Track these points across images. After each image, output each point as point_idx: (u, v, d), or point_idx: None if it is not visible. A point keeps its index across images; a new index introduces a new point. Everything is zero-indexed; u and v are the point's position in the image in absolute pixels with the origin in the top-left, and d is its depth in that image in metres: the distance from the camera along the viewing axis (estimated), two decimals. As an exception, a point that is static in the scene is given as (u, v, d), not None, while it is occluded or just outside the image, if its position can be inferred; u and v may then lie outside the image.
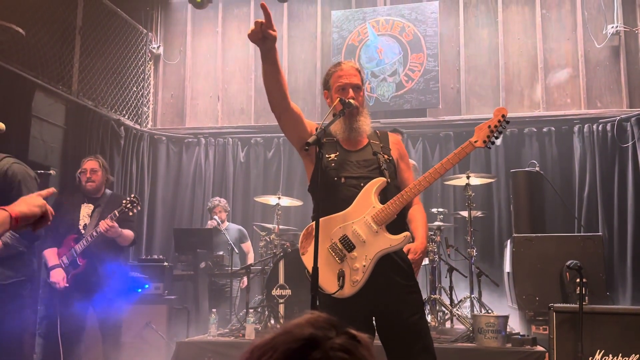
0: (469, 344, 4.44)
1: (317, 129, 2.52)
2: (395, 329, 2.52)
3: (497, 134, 2.55)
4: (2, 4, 5.37)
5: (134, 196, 4.41)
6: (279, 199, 5.94)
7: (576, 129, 6.97)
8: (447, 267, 5.43)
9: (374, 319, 2.55)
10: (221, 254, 6.40)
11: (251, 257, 6.79)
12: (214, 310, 5.27)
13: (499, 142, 7.13)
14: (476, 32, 7.65)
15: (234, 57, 8.28)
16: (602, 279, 4.92)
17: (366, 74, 7.64)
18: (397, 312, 2.51)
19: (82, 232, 4.35)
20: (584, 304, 3.87)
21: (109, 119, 6.96)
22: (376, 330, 2.56)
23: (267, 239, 5.87)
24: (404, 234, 2.54)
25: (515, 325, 5.17)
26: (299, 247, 2.58)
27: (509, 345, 4.33)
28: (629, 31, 7.07)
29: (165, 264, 5.93)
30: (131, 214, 4.34)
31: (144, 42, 8.10)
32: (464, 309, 5.31)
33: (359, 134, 2.69)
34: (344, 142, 2.71)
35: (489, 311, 5.04)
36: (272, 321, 5.02)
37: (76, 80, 6.55)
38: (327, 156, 2.62)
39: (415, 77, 7.52)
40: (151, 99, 8.32)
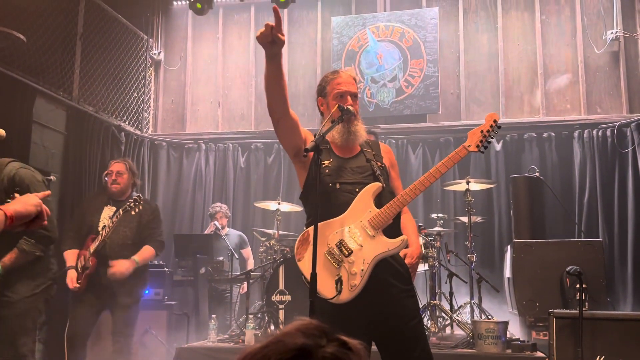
0: (469, 350, 4.44)
1: (315, 136, 2.52)
2: (393, 334, 2.51)
3: (489, 139, 2.62)
4: (3, 10, 5.39)
5: (137, 195, 4.41)
6: (279, 204, 5.94)
7: (576, 134, 6.97)
8: (447, 272, 5.43)
9: (371, 324, 2.54)
10: (221, 259, 6.40)
11: (251, 263, 6.79)
12: (213, 316, 5.27)
13: (498, 147, 7.15)
14: (476, 37, 7.66)
15: (234, 63, 8.30)
16: (603, 285, 4.93)
17: (366, 80, 7.66)
18: (395, 316, 2.51)
19: (102, 233, 4.31)
20: (584, 309, 3.87)
21: (109, 124, 6.98)
22: (373, 335, 2.55)
23: (267, 245, 5.87)
24: (401, 237, 2.55)
25: (515, 331, 5.17)
26: (295, 252, 2.57)
27: (509, 351, 4.33)
28: (628, 37, 7.09)
29: (165, 269, 5.94)
30: (133, 213, 4.32)
31: (144, 48, 8.12)
32: (464, 315, 5.31)
33: (356, 138, 2.70)
34: (337, 149, 2.72)
35: (489, 317, 5.04)
36: (272, 327, 5.01)
37: (77, 86, 6.56)
38: (321, 163, 2.62)
39: (415, 83, 7.54)
40: (152, 104, 8.33)
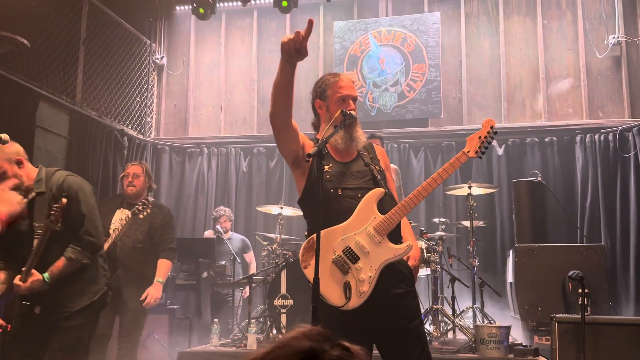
0: (472, 355, 4.43)
1: (318, 141, 2.52)
2: (394, 334, 2.52)
3: (487, 144, 2.66)
4: (6, 15, 5.42)
5: (145, 198, 4.38)
6: (281, 208, 5.95)
7: (578, 139, 6.98)
8: (449, 277, 5.43)
9: (373, 326, 2.53)
10: (223, 263, 6.41)
11: (253, 267, 6.79)
12: (216, 320, 5.27)
13: (501, 152, 7.15)
14: (478, 42, 7.68)
15: (236, 67, 8.32)
16: (605, 289, 4.92)
17: (368, 84, 7.67)
18: (397, 317, 2.51)
19: (112, 235, 4.26)
20: (586, 314, 3.86)
21: (112, 129, 7.00)
22: (374, 337, 2.55)
23: (269, 249, 5.87)
24: (407, 242, 2.57)
25: (517, 335, 5.16)
26: (300, 260, 2.55)
27: (512, 355, 4.32)
28: (630, 41, 7.10)
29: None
30: (141, 216, 4.29)
31: (147, 53, 8.15)
32: (466, 319, 5.30)
33: (358, 143, 2.71)
34: (335, 153, 2.71)
35: (492, 321, 5.03)
36: (274, 331, 5.01)
37: (80, 90, 6.59)
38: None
39: (417, 87, 7.55)
40: (154, 109, 8.36)
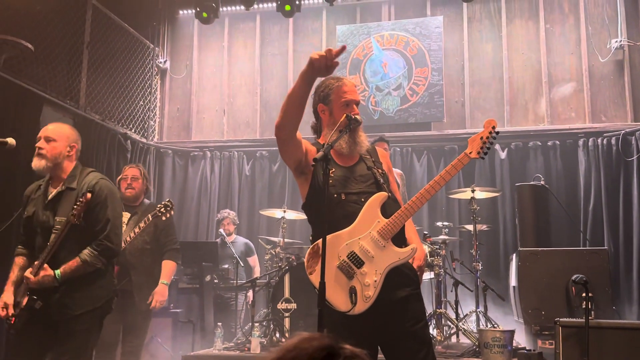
0: (475, 359, 4.43)
1: (322, 145, 2.53)
2: (399, 336, 2.52)
3: (489, 145, 2.66)
4: (11, 20, 5.45)
5: (168, 200, 4.39)
6: (284, 212, 5.96)
7: (581, 142, 6.98)
8: (452, 281, 5.43)
9: (378, 329, 2.53)
10: (226, 267, 6.41)
11: (257, 270, 6.79)
12: (219, 324, 5.27)
13: (503, 155, 7.16)
14: (480, 46, 7.69)
15: (239, 71, 8.34)
16: (608, 293, 4.91)
17: (371, 88, 7.69)
18: (402, 319, 2.51)
19: (127, 239, 4.26)
20: (590, 318, 3.86)
21: (115, 132, 7.02)
22: (379, 340, 2.55)
23: (273, 252, 5.88)
24: (411, 246, 2.57)
25: (521, 339, 5.15)
26: (305, 266, 2.55)
27: (515, 359, 4.32)
28: (632, 45, 7.10)
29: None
30: (164, 218, 4.32)
31: (150, 57, 8.18)
32: (469, 323, 5.30)
33: (361, 148, 2.71)
34: (338, 157, 2.70)
35: (495, 325, 5.03)
36: (277, 335, 5.02)
37: (84, 94, 6.61)
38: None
39: (419, 91, 7.56)
40: (157, 112, 8.38)
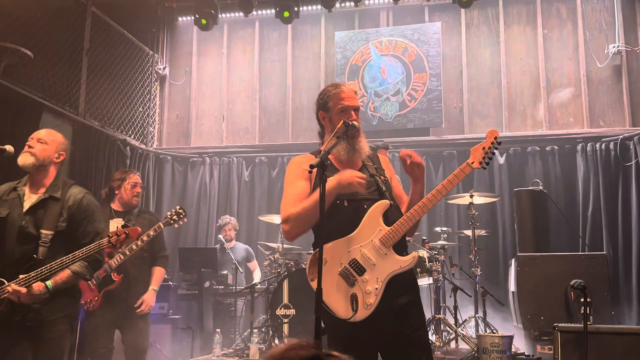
0: (474, 364, 4.43)
1: (321, 152, 2.53)
2: (399, 343, 2.51)
3: (491, 155, 2.66)
4: (11, 27, 5.47)
5: (180, 208, 4.31)
6: (283, 218, 5.95)
7: (579, 147, 7.00)
8: (451, 286, 5.43)
9: (378, 337, 2.53)
10: (225, 273, 6.41)
11: (258, 275, 6.79)
12: (218, 330, 5.27)
13: (502, 160, 7.17)
14: (478, 52, 7.72)
15: (239, 77, 8.36)
16: (607, 298, 4.91)
17: (369, 94, 7.71)
18: (401, 326, 2.51)
19: (133, 247, 4.18)
20: (588, 323, 3.85)
21: (115, 139, 7.03)
22: (379, 347, 2.55)
23: (272, 258, 5.88)
24: (412, 254, 2.56)
25: (520, 345, 5.15)
26: (307, 272, 2.54)
27: (514, 365, 4.32)
28: (630, 50, 7.13)
29: (169, 283, 5.95)
30: (176, 226, 4.28)
31: (150, 63, 8.20)
32: (468, 329, 5.30)
33: (360, 154, 2.70)
34: (339, 164, 2.69)
35: (494, 331, 5.03)
36: (277, 341, 5.01)
37: (83, 101, 6.63)
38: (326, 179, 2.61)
39: (418, 97, 7.58)
40: (157, 119, 8.40)
